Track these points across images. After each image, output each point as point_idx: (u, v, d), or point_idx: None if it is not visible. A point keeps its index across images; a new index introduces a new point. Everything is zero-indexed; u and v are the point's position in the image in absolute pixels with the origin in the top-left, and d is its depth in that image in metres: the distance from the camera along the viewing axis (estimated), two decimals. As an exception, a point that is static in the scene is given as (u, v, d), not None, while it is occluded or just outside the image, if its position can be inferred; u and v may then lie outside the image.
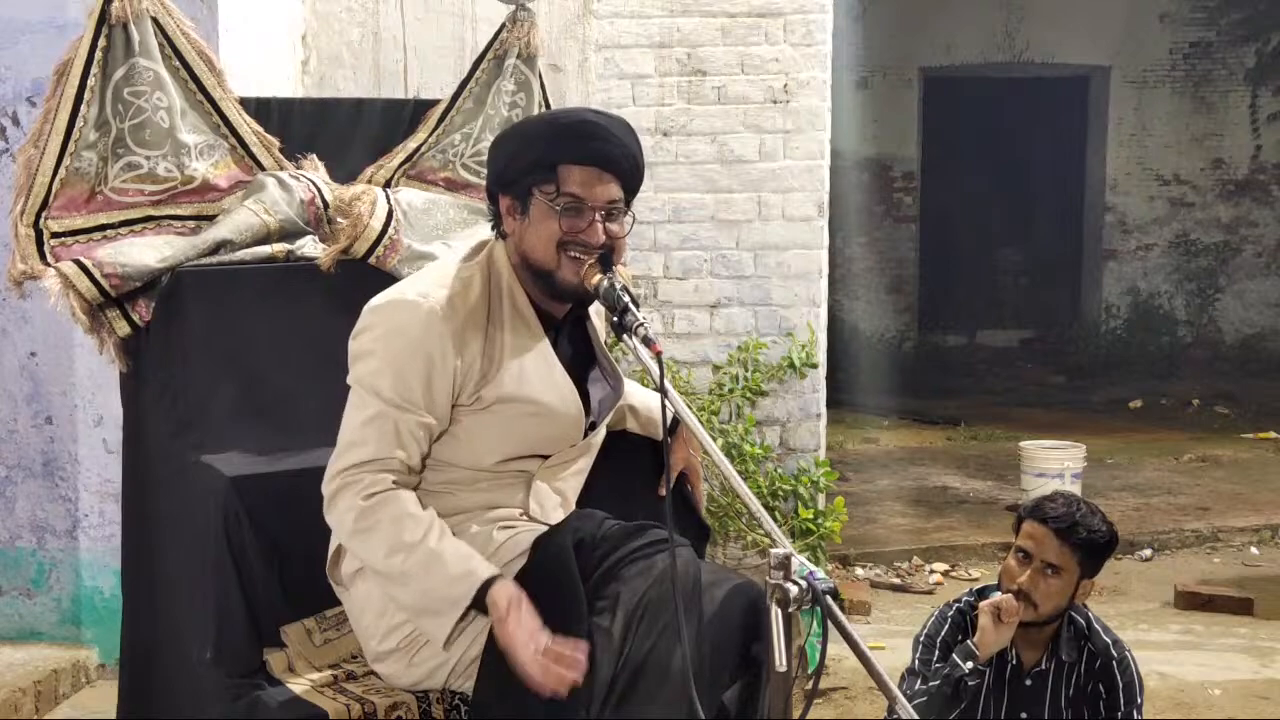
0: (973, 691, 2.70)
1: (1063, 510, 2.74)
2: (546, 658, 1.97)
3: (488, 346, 2.18)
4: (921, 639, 2.86)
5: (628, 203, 2.23)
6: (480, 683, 2.12)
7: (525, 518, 2.23)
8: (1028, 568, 2.73)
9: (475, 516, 2.22)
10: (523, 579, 2.08)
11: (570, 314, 2.31)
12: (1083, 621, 2.85)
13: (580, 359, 2.34)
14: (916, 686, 2.75)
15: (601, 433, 2.38)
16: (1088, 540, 2.73)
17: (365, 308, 2.21)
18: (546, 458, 2.26)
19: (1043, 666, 2.83)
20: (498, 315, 2.21)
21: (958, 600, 2.91)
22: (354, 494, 2.10)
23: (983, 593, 2.89)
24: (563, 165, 2.16)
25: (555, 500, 2.29)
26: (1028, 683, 2.83)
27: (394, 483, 2.12)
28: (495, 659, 2.09)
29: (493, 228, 2.29)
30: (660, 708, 2.01)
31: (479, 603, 2.05)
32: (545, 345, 2.25)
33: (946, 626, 2.85)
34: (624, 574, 2.11)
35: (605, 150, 2.17)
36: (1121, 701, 2.80)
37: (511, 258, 2.24)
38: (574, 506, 2.33)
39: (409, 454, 2.14)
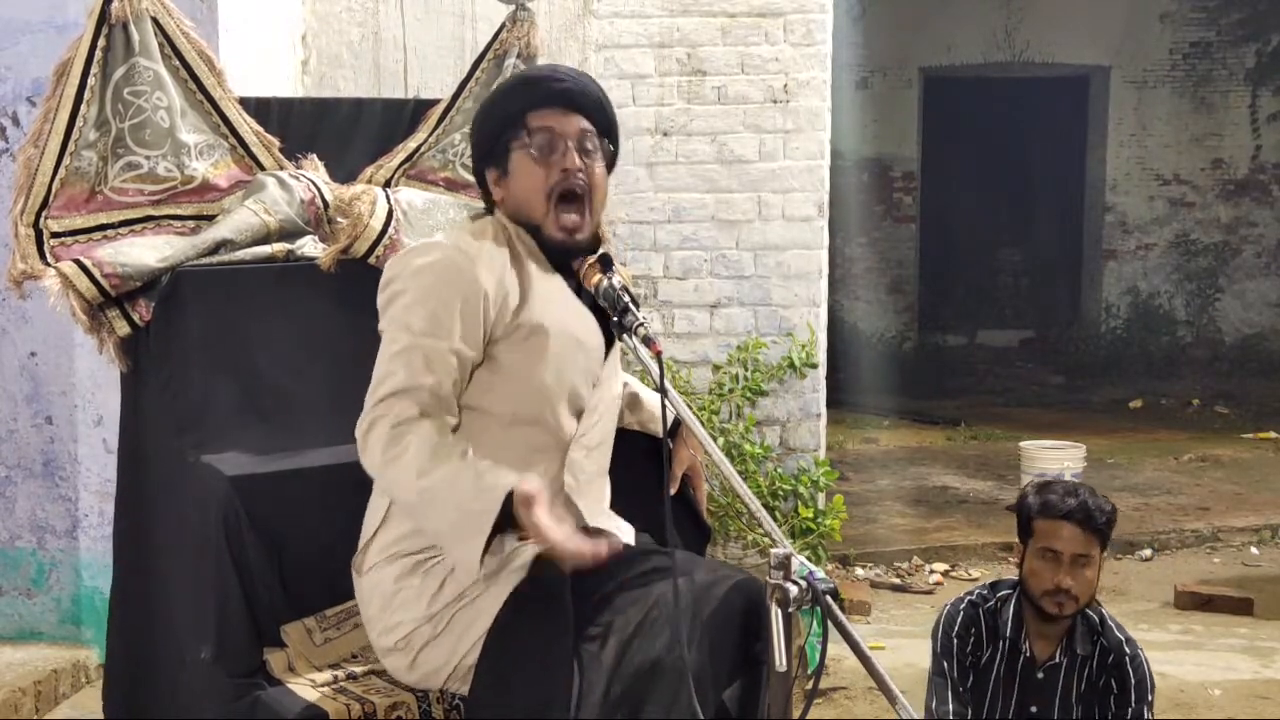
0: (984, 683, 2.73)
1: (1074, 503, 2.78)
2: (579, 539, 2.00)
3: (516, 277, 2.20)
4: (938, 635, 2.89)
5: (603, 144, 2.27)
6: (476, 684, 2.12)
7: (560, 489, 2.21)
8: (1058, 566, 2.77)
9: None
10: (516, 596, 2.08)
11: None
12: (1096, 617, 2.88)
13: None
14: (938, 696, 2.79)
15: (618, 384, 2.38)
16: (1105, 523, 2.79)
17: (388, 262, 2.25)
18: (578, 422, 2.24)
19: (1056, 660, 2.85)
20: (518, 254, 2.24)
21: (970, 594, 2.94)
22: (384, 425, 2.08)
23: (996, 586, 2.93)
24: (530, 112, 2.23)
25: (592, 470, 2.28)
26: (1040, 675, 2.85)
27: (421, 414, 2.09)
28: (492, 661, 2.09)
29: (487, 210, 2.32)
30: (664, 709, 2.01)
31: (506, 514, 2.01)
32: (561, 281, 2.26)
33: (960, 620, 2.88)
34: (618, 602, 2.11)
35: (565, 88, 2.25)
36: (1133, 699, 2.82)
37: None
38: (607, 479, 2.33)
39: (438, 380, 2.11)
